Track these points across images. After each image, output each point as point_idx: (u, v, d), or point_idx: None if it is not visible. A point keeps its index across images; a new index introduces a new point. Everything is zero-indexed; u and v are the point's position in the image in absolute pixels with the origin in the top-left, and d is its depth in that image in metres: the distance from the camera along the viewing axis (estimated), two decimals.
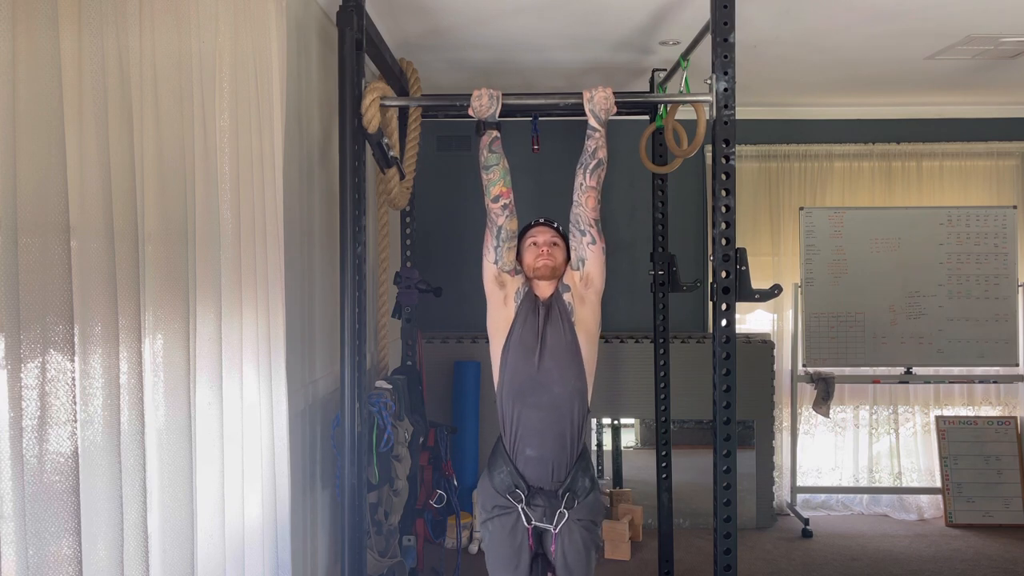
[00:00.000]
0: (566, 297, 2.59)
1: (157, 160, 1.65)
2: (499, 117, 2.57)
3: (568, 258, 2.68)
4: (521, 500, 2.56)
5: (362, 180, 2.49)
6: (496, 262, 2.58)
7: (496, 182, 2.54)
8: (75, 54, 1.42)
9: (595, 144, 2.53)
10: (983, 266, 4.70)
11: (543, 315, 2.57)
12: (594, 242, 2.58)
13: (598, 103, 2.50)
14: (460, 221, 5.01)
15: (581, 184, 2.56)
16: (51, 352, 1.34)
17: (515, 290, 2.60)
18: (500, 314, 2.60)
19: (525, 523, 2.57)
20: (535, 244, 2.66)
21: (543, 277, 2.62)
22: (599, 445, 4.93)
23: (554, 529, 2.56)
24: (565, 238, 2.70)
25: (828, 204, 4.97)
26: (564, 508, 2.56)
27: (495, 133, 2.56)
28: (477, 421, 4.55)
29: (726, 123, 2.44)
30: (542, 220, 2.75)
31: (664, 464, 3.67)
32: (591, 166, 2.54)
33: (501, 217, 2.55)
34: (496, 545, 2.63)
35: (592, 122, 2.53)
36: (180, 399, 1.70)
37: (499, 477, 2.60)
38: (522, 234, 2.72)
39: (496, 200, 2.54)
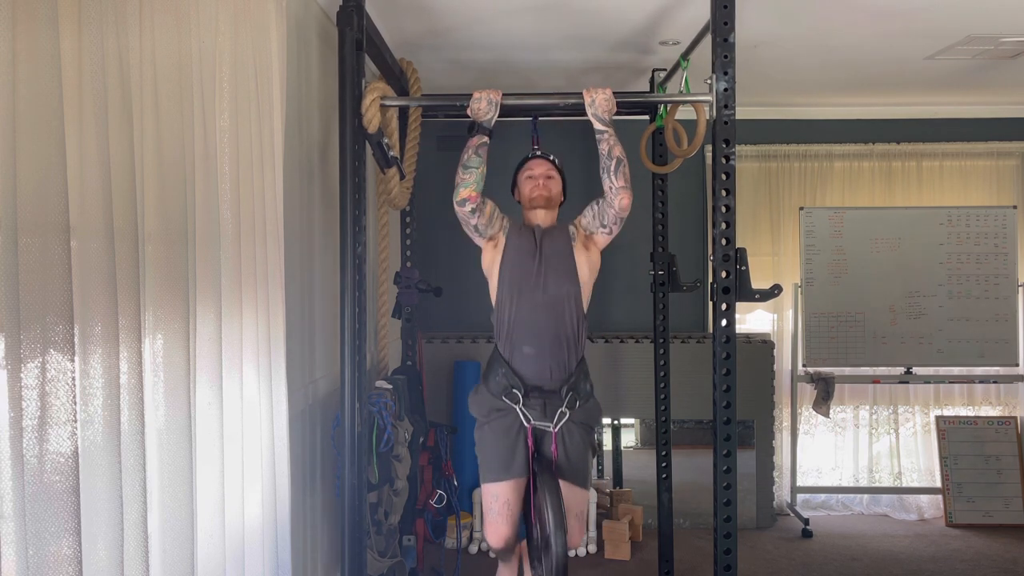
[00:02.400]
0: (569, 229, 2.70)
1: (157, 160, 1.65)
2: (499, 117, 2.57)
3: (564, 191, 2.83)
4: (518, 401, 2.54)
5: (362, 180, 2.49)
6: (487, 238, 2.69)
7: (469, 184, 2.58)
8: (75, 54, 1.43)
9: (607, 145, 2.54)
10: (983, 266, 4.70)
11: (540, 233, 2.68)
12: (610, 233, 2.67)
13: (599, 105, 2.50)
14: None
15: (611, 187, 2.57)
16: (51, 352, 1.34)
17: (502, 228, 2.70)
18: (494, 243, 2.70)
19: (524, 422, 2.55)
20: (531, 177, 2.77)
21: (539, 207, 2.73)
22: (599, 445, 4.92)
23: (553, 428, 2.55)
24: (561, 172, 2.82)
25: (828, 204, 4.97)
26: (566, 408, 2.55)
27: (485, 139, 2.58)
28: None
29: (726, 123, 2.44)
30: (539, 152, 2.83)
31: (664, 464, 3.67)
32: (612, 168, 2.55)
33: (472, 218, 2.62)
34: (490, 445, 2.59)
35: (598, 125, 2.53)
36: (180, 399, 1.70)
37: (495, 380, 2.59)
38: (519, 168, 2.84)
39: (463, 204, 2.59)
